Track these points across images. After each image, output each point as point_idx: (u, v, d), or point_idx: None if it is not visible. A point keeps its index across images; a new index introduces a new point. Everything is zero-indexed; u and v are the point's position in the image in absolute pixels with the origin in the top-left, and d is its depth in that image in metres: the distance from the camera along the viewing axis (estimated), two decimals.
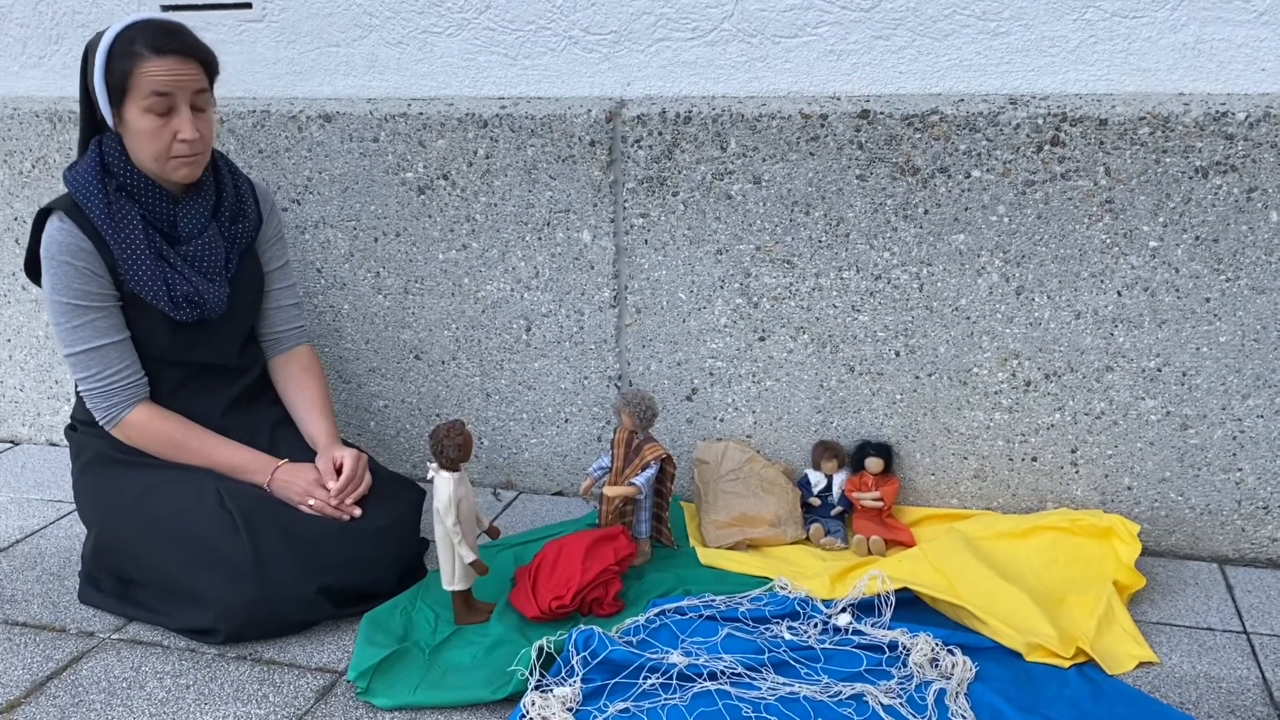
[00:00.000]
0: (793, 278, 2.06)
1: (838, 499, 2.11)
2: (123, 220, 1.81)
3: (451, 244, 2.23)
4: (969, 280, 1.97)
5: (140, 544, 1.85)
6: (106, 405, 1.87)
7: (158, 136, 1.78)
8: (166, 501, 1.84)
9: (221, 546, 1.77)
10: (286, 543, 1.79)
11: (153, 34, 1.76)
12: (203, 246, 1.90)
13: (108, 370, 1.85)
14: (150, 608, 1.87)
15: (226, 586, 1.75)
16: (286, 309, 2.09)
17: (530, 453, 2.36)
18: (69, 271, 1.80)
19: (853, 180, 1.97)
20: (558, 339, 2.24)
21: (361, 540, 1.85)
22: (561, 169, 2.11)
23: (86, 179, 1.81)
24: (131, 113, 1.77)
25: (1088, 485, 2.03)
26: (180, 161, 1.82)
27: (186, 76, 1.78)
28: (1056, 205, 1.89)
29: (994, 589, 1.80)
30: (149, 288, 1.83)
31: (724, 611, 1.81)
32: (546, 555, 1.88)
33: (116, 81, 1.76)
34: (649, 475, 1.94)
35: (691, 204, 2.06)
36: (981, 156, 1.90)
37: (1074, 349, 1.96)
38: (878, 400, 2.09)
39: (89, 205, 1.80)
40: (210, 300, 1.89)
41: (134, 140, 1.80)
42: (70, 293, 1.81)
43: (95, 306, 1.82)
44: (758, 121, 1.98)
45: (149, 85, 1.75)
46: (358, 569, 1.83)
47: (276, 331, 2.09)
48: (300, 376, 2.08)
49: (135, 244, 1.82)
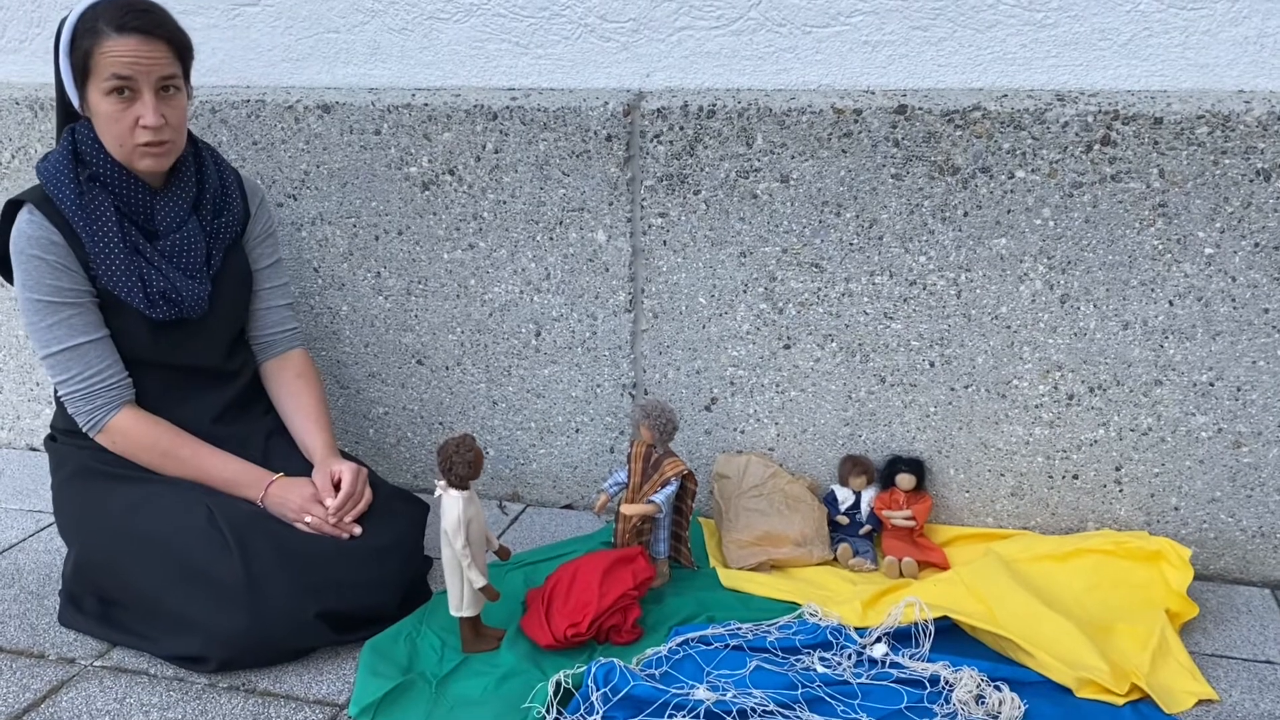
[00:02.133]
0: (821, 282, 1.94)
1: (866, 517, 2.00)
2: (95, 212, 1.70)
3: (457, 243, 2.10)
4: (1010, 287, 1.86)
5: (125, 564, 1.72)
6: (89, 409, 1.75)
7: (118, 121, 1.67)
8: (153, 518, 1.72)
9: (212, 568, 1.65)
10: (282, 564, 1.67)
11: (117, 10, 1.64)
12: (181, 241, 1.78)
13: (88, 371, 1.73)
14: (136, 632, 1.74)
15: (217, 611, 1.63)
16: (278, 310, 1.97)
17: (538, 464, 2.24)
18: (40, 266, 1.68)
19: (887, 180, 1.85)
20: (569, 344, 2.12)
21: (363, 560, 1.73)
22: (575, 165, 1.99)
23: (57, 168, 1.70)
24: (94, 95, 1.66)
25: (1132, 505, 1.92)
26: (144, 151, 1.70)
27: (150, 58, 1.66)
28: (1106, 208, 1.78)
29: (1038, 617, 1.69)
30: (122, 283, 1.71)
31: (751, 641, 1.69)
32: (561, 578, 1.76)
33: (79, 61, 1.65)
34: (669, 493, 1.82)
35: (714, 203, 1.94)
36: (1026, 156, 1.78)
37: (1121, 361, 1.85)
38: (910, 413, 1.98)
39: (59, 196, 1.69)
40: (188, 297, 1.77)
41: (98, 126, 1.69)
42: (43, 289, 1.69)
43: (70, 303, 1.71)
44: (786, 116, 1.86)
45: (108, 66, 1.63)
46: (359, 591, 1.71)
47: (268, 334, 1.96)
48: (294, 383, 1.96)
49: (108, 237, 1.70)
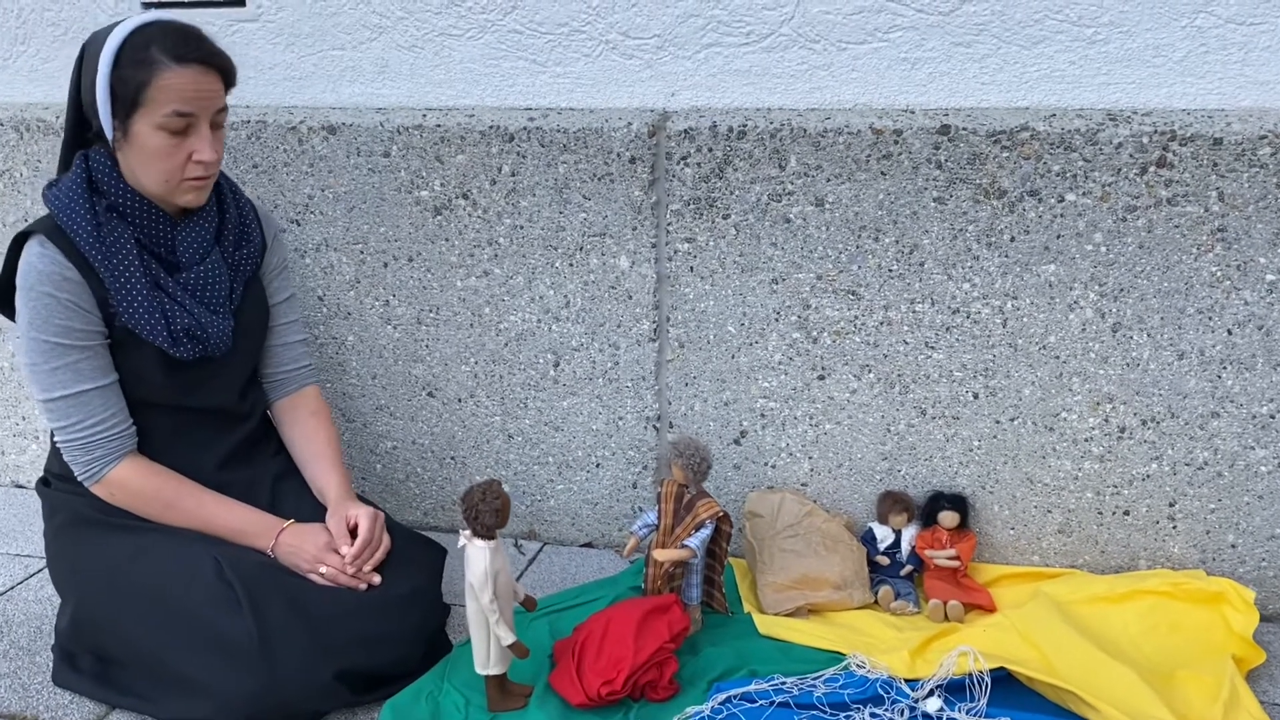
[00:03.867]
0: (858, 310, 1.85)
1: (907, 557, 1.90)
2: (114, 245, 1.58)
3: (471, 270, 2.00)
4: (1059, 315, 1.77)
5: (125, 620, 1.61)
6: (87, 460, 1.63)
7: (170, 157, 1.55)
8: (155, 571, 1.60)
9: (221, 626, 1.54)
10: (297, 620, 1.56)
11: (173, 40, 1.53)
12: (205, 274, 1.66)
13: (90, 420, 1.61)
14: (136, 693, 1.63)
15: (227, 673, 1.52)
16: (294, 346, 1.86)
17: (556, 500, 2.13)
18: (50, 305, 1.56)
19: (929, 203, 1.76)
20: (589, 375, 2.01)
21: (383, 615, 1.62)
22: (597, 188, 1.89)
23: (71, 198, 1.57)
24: (142, 128, 1.54)
25: (1186, 542, 1.83)
26: (191, 185, 1.60)
27: (209, 90, 1.56)
28: (1161, 233, 1.69)
29: (1098, 665, 1.60)
30: (145, 321, 1.60)
31: (797, 697, 1.59)
32: (592, 630, 1.65)
33: (128, 92, 1.52)
34: (704, 536, 1.72)
35: (744, 228, 1.85)
36: (1077, 178, 1.69)
37: (1176, 393, 1.76)
38: (952, 447, 1.89)
39: (74, 228, 1.56)
40: (214, 334, 1.66)
41: (139, 158, 1.56)
42: (51, 329, 1.57)
43: (79, 346, 1.59)
44: (822, 137, 1.77)
45: (169, 100, 1.52)
46: (379, 649, 1.60)
47: (284, 371, 1.86)
48: (308, 421, 1.85)
49: (129, 271, 1.59)
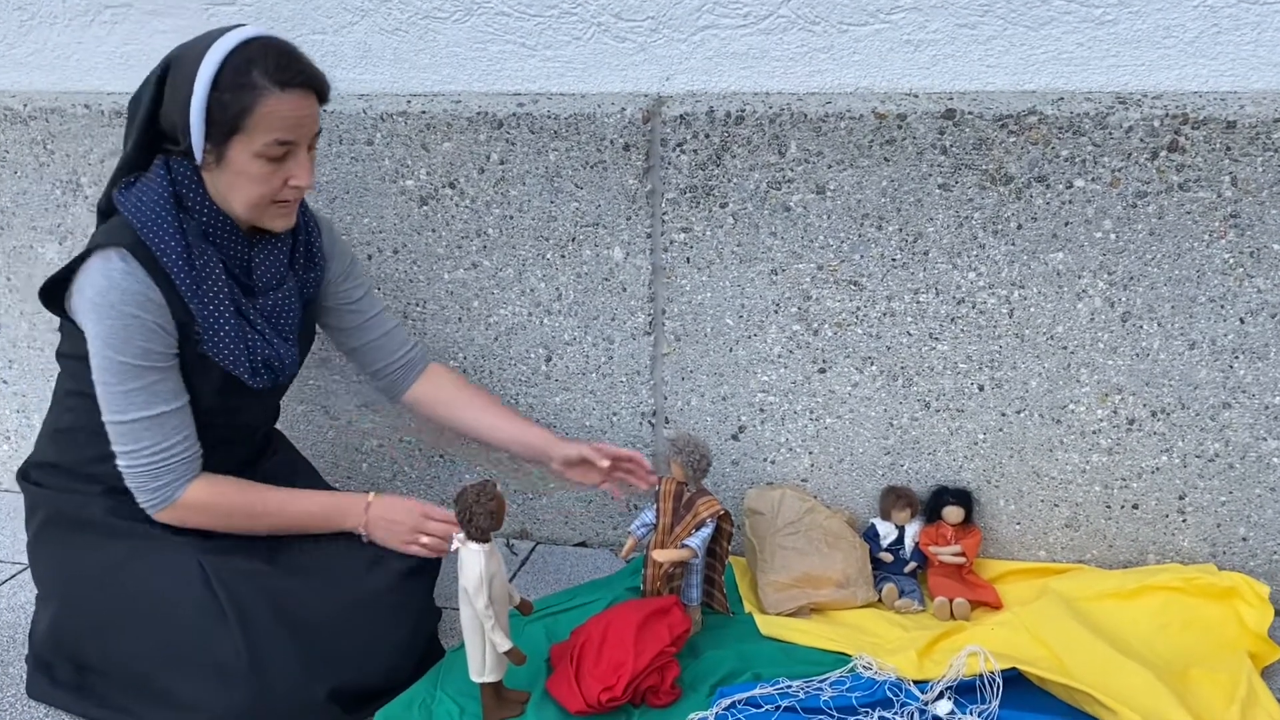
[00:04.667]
0: (860, 301, 1.79)
1: (911, 553, 1.85)
2: (204, 271, 1.49)
3: (459, 262, 1.93)
4: (1067, 305, 1.72)
5: (109, 629, 1.54)
6: (155, 486, 1.52)
7: (266, 183, 1.47)
8: (140, 579, 1.53)
9: (209, 642, 1.47)
10: (288, 634, 1.49)
11: (276, 62, 1.43)
12: (281, 301, 1.59)
13: (163, 443, 1.51)
14: (117, 706, 1.55)
15: (214, 691, 1.45)
16: (396, 331, 1.78)
17: (549, 498, 2.07)
18: (134, 326, 1.45)
19: (934, 190, 1.71)
20: (583, 370, 1.95)
21: (377, 625, 1.56)
22: (590, 176, 1.82)
23: (158, 215, 1.46)
24: (239, 154, 1.44)
25: (1196, 536, 1.79)
26: (280, 209, 1.51)
27: (311, 115, 1.48)
28: (1172, 220, 1.64)
29: (1111, 665, 1.56)
30: (229, 352, 1.52)
31: (804, 701, 1.54)
32: (590, 634, 1.60)
33: (227, 117, 1.42)
34: (704, 536, 1.67)
35: (743, 217, 1.79)
36: (1086, 164, 1.64)
37: (1186, 383, 1.72)
38: (956, 440, 1.84)
39: (164, 248, 1.46)
40: (288, 364, 1.61)
41: (231, 182, 1.47)
42: (131, 350, 1.46)
43: (157, 368, 1.49)
44: (823, 122, 1.71)
45: (272, 128, 1.43)
46: (374, 661, 1.54)
47: (399, 358, 1.78)
48: (466, 392, 1.81)
49: (218, 300, 1.50)
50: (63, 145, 2.04)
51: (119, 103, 1.99)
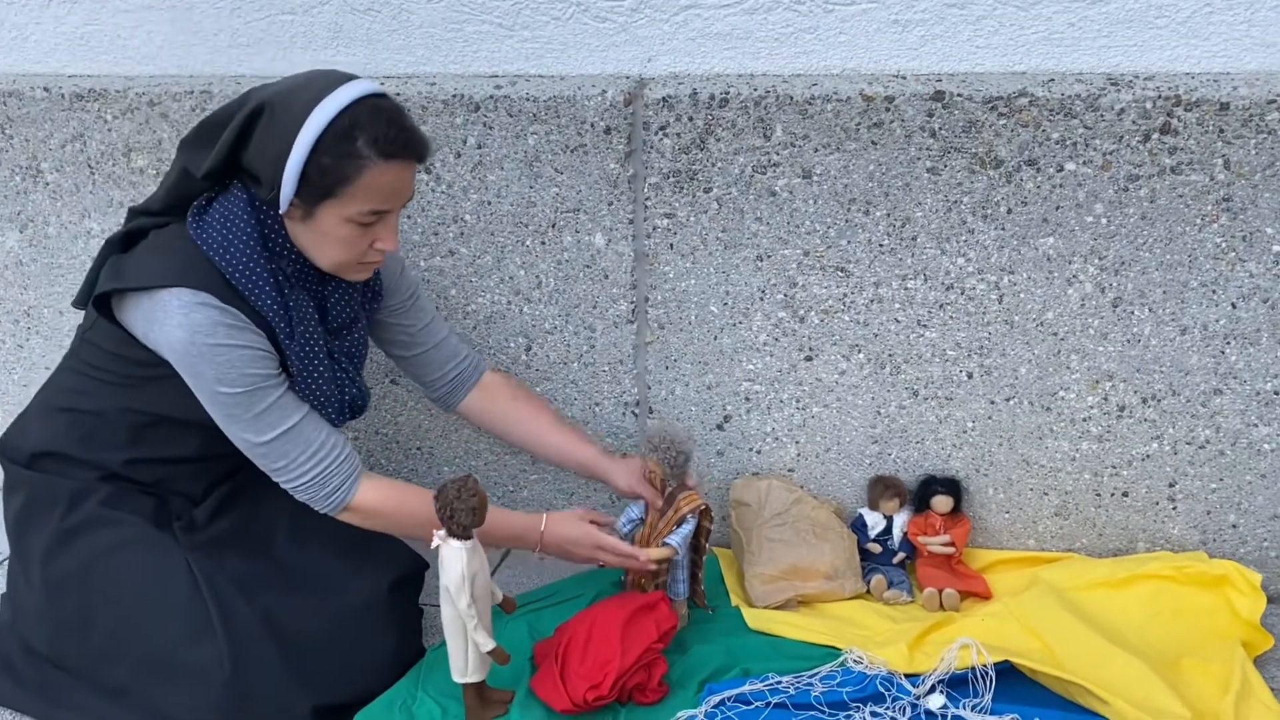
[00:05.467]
0: (847, 288, 1.76)
1: (899, 543, 1.83)
2: (299, 315, 1.44)
3: (436, 249, 1.88)
4: (1057, 290, 1.69)
5: (86, 626, 1.48)
6: (327, 493, 1.48)
7: (353, 247, 1.41)
8: (123, 577, 1.48)
9: (191, 647, 1.42)
10: (275, 646, 1.45)
11: (384, 130, 1.34)
12: (358, 339, 1.56)
13: (311, 448, 1.46)
14: (86, 709, 1.50)
15: (193, 701, 1.40)
16: (447, 342, 1.72)
17: (529, 490, 2.03)
18: (244, 357, 1.39)
19: (922, 174, 1.67)
20: (564, 359, 1.91)
21: (363, 637, 1.53)
22: (570, 161, 1.77)
23: (249, 258, 1.39)
24: (329, 216, 1.37)
25: (1186, 523, 1.78)
26: (364, 267, 1.46)
27: (409, 185, 1.42)
28: (1164, 204, 1.62)
29: (1104, 656, 1.54)
30: (324, 395, 1.47)
31: (794, 697, 1.51)
32: (575, 632, 1.56)
33: (326, 182, 1.34)
34: (686, 532, 1.63)
35: (727, 202, 1.75)
36: (1078, 146, 1.61)
37: (1177, 369, 1.69)
38: (945, 429, 1.81)
39: (258, 295, 1.40)
40: (367, 400, 1.60)
41: (315, 240, 1.40)
42: (247, 381, 1.40)
43: (274, 385, 1.44)
44: (809, 105, 1.67)
45: (370, 199, 1.36)
46: (361, 676, 1.50)
47: (452, 369, 1.73)
48: (519, 404, 1.76)
49: (314, 345, 1.46)
50: (21, 130, 1.97)
51: (80, 86, 1.92)
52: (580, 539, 1.61)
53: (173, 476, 1.57)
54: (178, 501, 1.59)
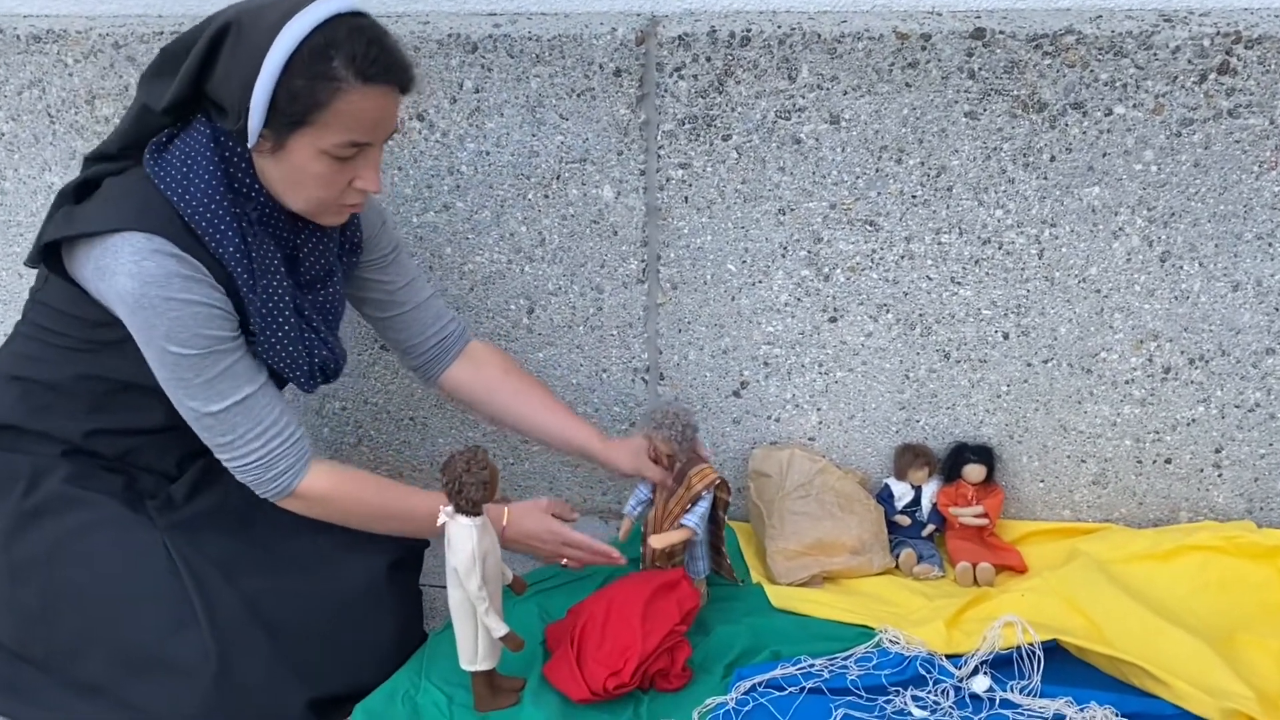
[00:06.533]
0: (876, 243, 1.64)
1: (929, 515, 1.73)
2: (264, 266, 1.28)
3: (429, 204, 1.74)
4: (1102, 244, 1.58)
5: (53, 616, 1.34)
6: (272, 476, 1.33)
7: (329, 185, 1.26)
8: (96, 559, 1.34)
9: (171, 638, 1.29)
10: (263, 634, 1.32)
11: (363, 50, 1.21)
12: (332, 294, 1.40)
13: (261, 426, 1.31)
14: (54, 707, 1.36)
15: (175, 697, 1.28)
16: (430, 304, 1.57)
17: (532, 462, 1.91)
18: (200, 315, 1.24)
19: (960, 119, 1.55)
20: (569, 323, 1.78)
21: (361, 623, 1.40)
22: (576, 106, 1.64)
23: (210, 198, 1.24)
24: (302, 149, 1.22)
25: (1232, 491, 1.69)
26: (342, 209, 1.31)
27: (392, 114, 1.28)
28: (1220, 150, 1.51)
29: (1154, 632, 1.45)
30: (288, 354, 1.32)
31: (829, 681, 1.41)
32: (591, 615, 1.45)
33: (297, 109, 1.20)
34: (702, 510, 1.52)
35: (748, 150, 1.62)
36: (1128, 88, 1.50)
37: (1228, 328, 1.60)
38: (977, 393, 1.70)
39: (220, 240, 1.25)
40: (341, 365, 1.43)
41: (287, 176, 1.25)
42: (201, 342, 1.25)
43: (230, 349, 1.28)
44: (838, 43, 1.54)
45: (347, 129, 1.22)
46: (357, 667, 1.38)
47: (439, 332, 1.58)
48: (512, 379, 1.62)
49: (279, 298, 1.30)
50: None
51: (37, 26, 1.76)
52: (544, 535, 1.49)
53: (140, 449, 1.43)
54: (148, 478, 1.44)
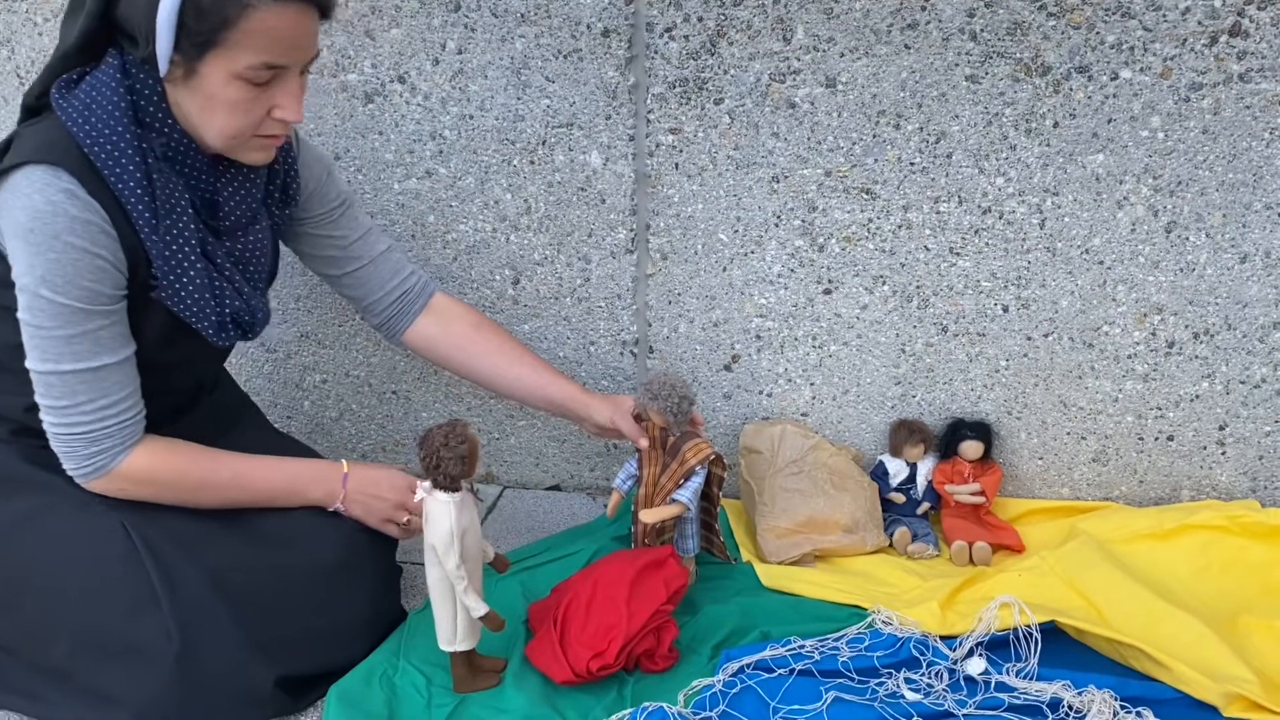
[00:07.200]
0: (873, 212, 1.59)
1: (924, 493, 1.68)
2: (169, 204, 1.21)
3: (411, 170, 1.68)
4: (1106, 214, 1.53)
5: (10, 600, 1.29)
6: (90, 452, 1.25)
7: (246, 113, 1.19)
8: (53, 541, 1.28)
9: (132, 620, 1.24)
10: (228, 613, 1.27)
11: None
12: (254, 244, 1.33)
13: (102, 400, 1.23)
14: (21, 691, 1.32)
15: (139, 680, 1.23)
16: (388, 256, 1.51)
17: (517, 438, 1.86)
18: (81, 263, 1.16)
19: (960, 82, 1.50)
20: (555, 294, 1.73)
21: (334, 599, 1.35)
22: (563, 68, 1.58)
23: (112, 130, 1.16)
24: (214, 74, 1.16)
25: (1236, 469, 1.64)
26: (263, 143, 1.24)
27: (308, 36, 1.20)
28: (1229, 116, 1.45)
29: (1155, 614, 1.41)
30: (193, 302, 1.24)
31: (820, 663, 1.36)
32: (576, 594, 1.40)
33: (205, 28, 1.13)
34: (695, 486, 1.46)
35: (740, 115, 1.56)
36: (1135, 51, 1.44)
37: (1235, 301, 1.55)
38: (975, 368, 1.65)
39: (119, 173, 1.17)
40: (260, 318, 1.35)
41: (201, 106, 1.18)
42: (75, 292, 1.17)
43: (105, 311, 1.21)
44: (835, 3, 1.48)
45: (260, 49, 1.15)
46: (330, 643, 1.33)
47: (400, 285, 1.51)
48: (483, 333, 1.54)
49: (184, 240, 1.22)
50: None
51: None
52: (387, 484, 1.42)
53: None
54: None
